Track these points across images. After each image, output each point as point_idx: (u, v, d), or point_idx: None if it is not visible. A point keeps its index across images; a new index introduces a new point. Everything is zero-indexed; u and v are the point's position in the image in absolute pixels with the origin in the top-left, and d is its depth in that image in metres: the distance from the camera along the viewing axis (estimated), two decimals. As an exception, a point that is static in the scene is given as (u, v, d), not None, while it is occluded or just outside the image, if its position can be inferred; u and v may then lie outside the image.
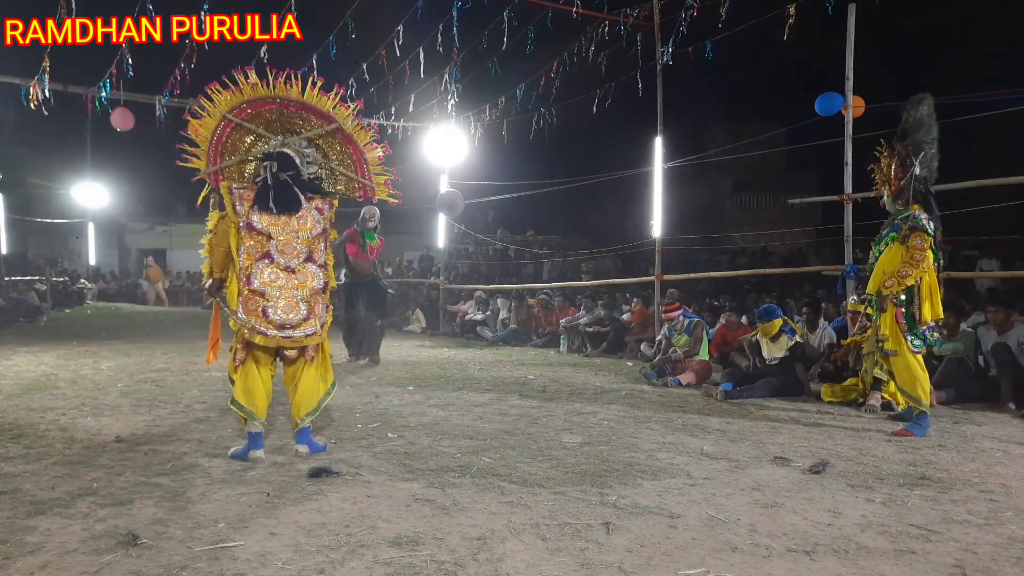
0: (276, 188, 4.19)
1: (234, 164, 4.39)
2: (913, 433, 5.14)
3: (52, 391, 6.64)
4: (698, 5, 8.97)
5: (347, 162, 4.53)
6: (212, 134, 4.32)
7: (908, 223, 5.27)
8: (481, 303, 13.41)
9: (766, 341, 7.24)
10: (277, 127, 4.41)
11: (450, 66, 11.38)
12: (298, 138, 4.40)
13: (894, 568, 2.80)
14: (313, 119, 4.40)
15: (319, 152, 4.50)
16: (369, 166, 4.52)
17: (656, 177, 10.30)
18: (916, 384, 5.23)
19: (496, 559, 2.83)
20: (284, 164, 4.26)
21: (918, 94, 5.50)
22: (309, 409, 4.37)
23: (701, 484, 3.89)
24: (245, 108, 4.32)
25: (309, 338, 4.26)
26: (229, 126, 4.33)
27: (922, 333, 5.35)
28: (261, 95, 4.29)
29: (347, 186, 4.56)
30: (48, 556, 2.83)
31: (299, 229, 4.25)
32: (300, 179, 4.29)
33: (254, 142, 4.42)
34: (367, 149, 4.50)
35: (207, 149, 4.34)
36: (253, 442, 4.29)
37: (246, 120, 4.33)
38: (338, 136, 4.46)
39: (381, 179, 4.57)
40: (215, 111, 4.29)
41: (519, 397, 6.64)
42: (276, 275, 4.18)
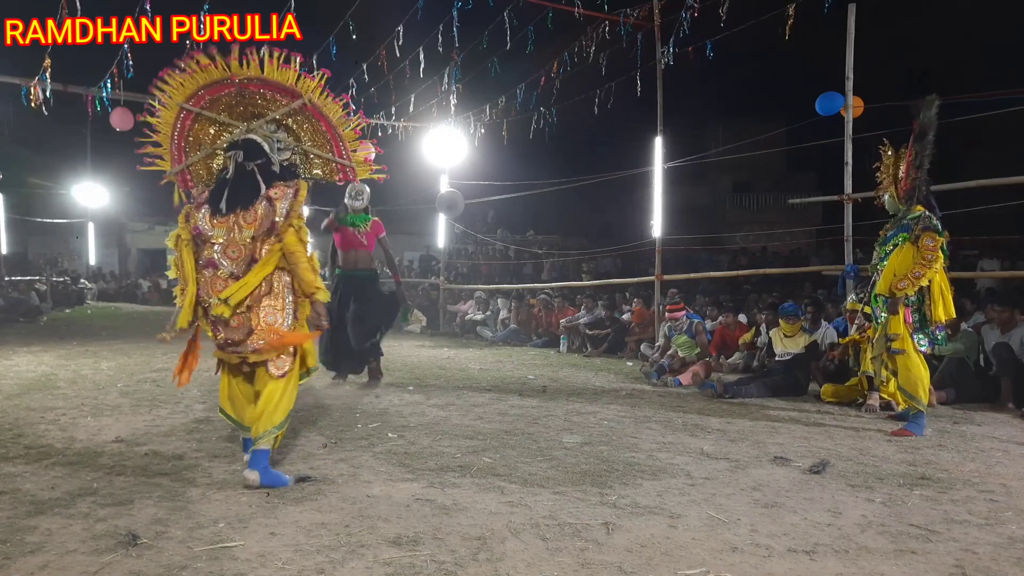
0: (234, 183, 3.71)
1: (200, 160, 3.97)
2: (913, 432, 5.14)
3: (52, 391, 6.64)
4: (698, 5, 8.97)
5: (321, 141, 4.04)
6: (172, 129, 3.91)
7: (920, 224, 5.22)
8: (481, 303, 13.42)
9: (780, 337, 7.27)
10: (240, 112, 3.94)
11: (450, 66, 11.38)
12: (263, 121, 3.91)
13: (894, 568, 2.80)
14: (278, 97, 3.90)
15: (290, 135, 4.02)
16: (345, 143, 4.04)
17: (656, 177, 10.30)
18: (918, 384, 5.22)
19: (496, 559, 2.83)
20: (251, 152, 3.78)
21: (929, 96, 5.44)
22: (272, 424, 3.71)
23: (701, 484, 3.89)
24: (202, 95, 3.86)
25: (253, 355, 3.68)
26: (189, 117, 3.90)
27: (932, 333, 5.33)
28: (216, 77, 3.82)
29: (324, 169, 4.10)
30: (48, 556, 2.83)
31: (244, 226, 3.67)
32: (270, 167, 3.80)
33: (219, 132, 3.96)
34: (340, 124, 4.00)
35: (169, 147, 3.94)
36: (246, 445, 3.90)
37: (205, 108, 3.88)
38: (307, 113, 3.95)
39: (361, 156, 4.10)
40: (171, 102, 3.87)
41: (519, 397, 6.64)
42: (222, 284, 3.65)
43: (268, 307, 3.68)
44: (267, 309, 3.68)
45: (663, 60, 9.93)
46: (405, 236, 25.19)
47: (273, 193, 3.69)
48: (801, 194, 16.64)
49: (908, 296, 5.27)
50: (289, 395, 3.79)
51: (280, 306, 3.70)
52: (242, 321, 3.65)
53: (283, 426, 3.79)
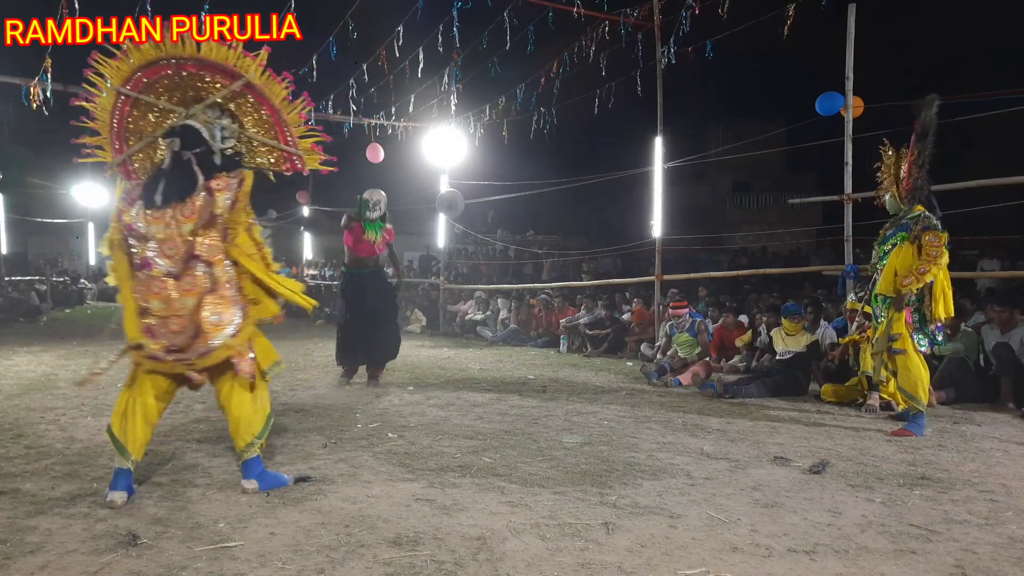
0: (170, 174, 3.43)
1: (142, 149, 3.66)
2: (913, 433, 5.14)
3: (52, 391, 6.64)
4: (698, 5, 8.97)
5: (265, 127, 3.69)
6: (111, 116, 3.59)
7: (920, 223, 5.22)
8: (481, 303, 13.42)
9: (782, 336, 7.28)
10: (180, 97, 3.62)
11: (450, 66, 11.38)
12: (203, 105, 3.57)
13: (894, 568, 2.80)
14: (218, 79, 3.55)
15: (235, 121, 3.66)
16: (290, 128, 3.67)
17: (656, 177, 10.30)
18: (918, 384, 5.21)
19: (496, 559, 2.83)
20: (189, 140, 3.48)
21: (929, 95, 5.43)
22: (252, 434, 3.56)
23: (701, 484, 3.89)
24: (139, 77, 3.53)
25: (203, 358, 3.38)
26: (128, 103, 3.58)
27: (931, 332, 5.33)
28: (152, 57, 3.49)
29: (269, 157, 3.75)
30: (48, 556, 2.83)
31: (182, 220, 3.36)
32: (210, 157, 3.49)
33: (160, 119, 3.64)
34: (284, 107, 3.64)
35: (109, 135, 3.62)
36: (116, 480, 3.44)
37: (143, 92, 3.55)
38: (249, 96, 3.60)
39: (307, 142, 3.72)
40: (108, 87, 3.55)
41: (519, 397, 6.64)
42: (159, 285, 3.35)
43: (212, 305, 3.37)
44: (211, 308, 3.37)
45: (663, 60, 9.93)
46: (405, 236, 25.10)
47: (215, 184, 3.40)
48: (801, 194, 16.66)
49: (911, 295, 5.26)
50: (261, 399, 3.60)
51: (226, 304, 3.41)
52: (185, 324, 3.35)
53: (265, 432, 3.62)
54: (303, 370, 8.28)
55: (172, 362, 3.39)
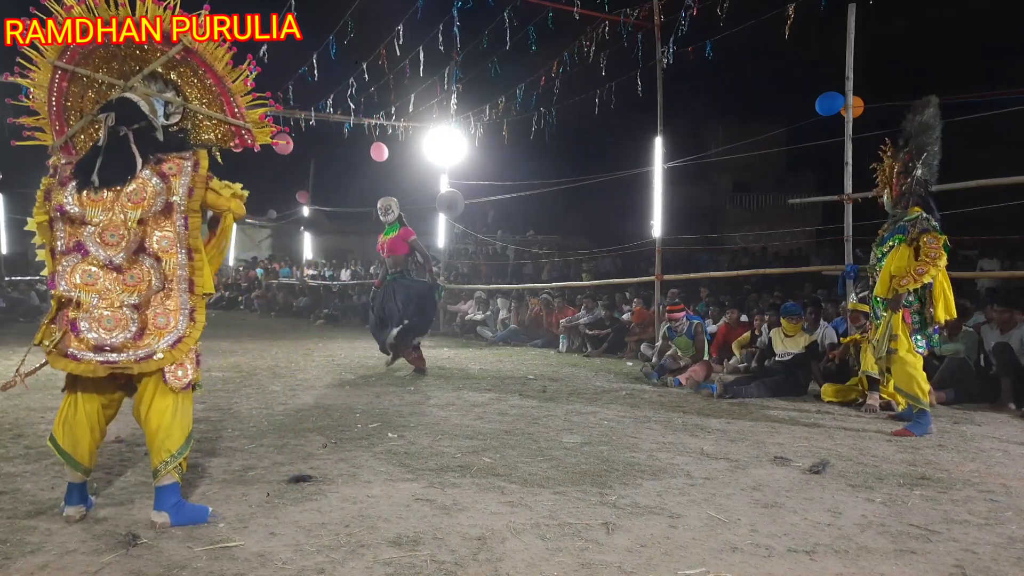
0: (107, 153, 3.07)
1: (83, 129, 3.29)
2: (913, 432, 5.14)
3: (52, 391, 6.63)
4: (698, 5, 8.97)
5: (210, 99, 3.34)
6: (49, 93, 3.26)
7: (918, 226, 5.22)
8: (481, 303, 13.42)
9: (781, 337, 7.28)
10: (118, 68, 3.28)
11: (450, 66, 11.38)
12: (141, 76, 3.23)
13: (894, 568, 2.80)
14: (157, 46, 3.23)
15: (178, 94, 3.32)
16: (236, 98, 3.32)
17: (656, 177, 10.30)
18: (913, 383, 5.22)
19: (496, 559, 2.83)
20: (126, 115, 3.12)
21: (924, 98, 5.46)
22: (169, 450, 3.10)
23: (701, 484, 3.89)
24: (74, 49, 3.23)
25: (142, 363, 3.01)
26: (64, 78, 3.25)
27: (931, 334, 5.31)
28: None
29: (216, 132, 3.38)
30: (48, 556, 2.83)
31: (129, 207, 3.01)
32: (151, 134, 3.15)
33: (99, 94, 3.31)
34: (227, 74, 3.31)
35: (48, 115, 3.30)
36: (69, 495, 3.17)
37: (79, 64, 3.23)
38: (192, 62, 3.27)
39: (255, 114, 3.37)
40: (43, 61, 3.23)
41: (519, 397, 6.64)
42: (93, 275, 3.01)
43: (160, 307, 3.06)
44: (159, 309, 3.06)
45: (663, 60, 9.93)
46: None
47: (167, 168, 3.07)
48: (801, 194, 16.65)
49: (909, 296, 5.26)
50: (184, 412, 3.16)
51: (175, 306, 3.08)
52: (122, 321, 3.00)
53: (185, 449, 3.15)
54: (303, 370, 8.28)
55: (96, 363, 2.99)
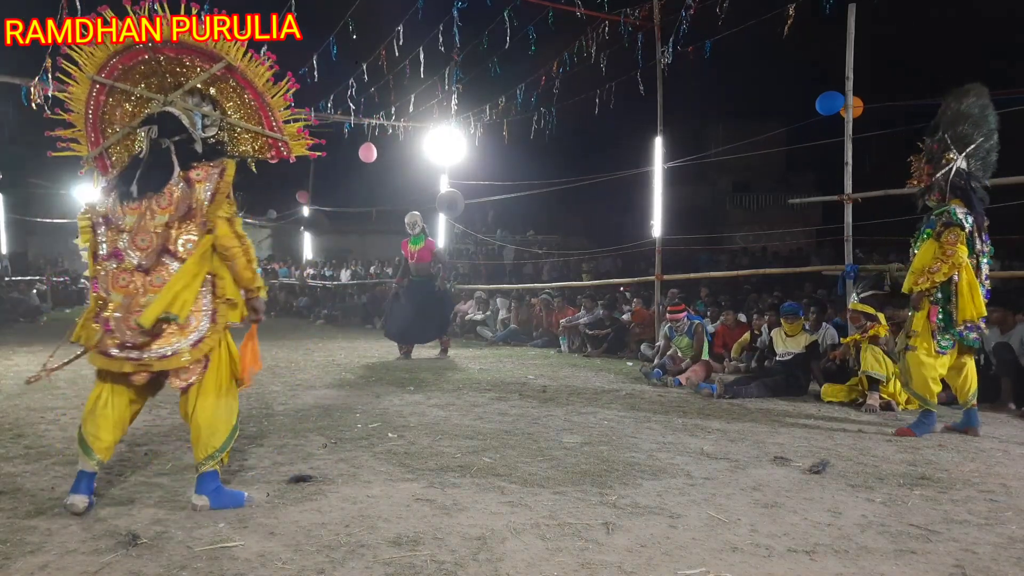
0: (147, 164, 3.28)
1: (119, 141, 3.49)
2: (914, 432, 5.11)
3: (52, 391, 6.64)
4: (698, 5, 8.97)
5: (248, 112, 3.52)
6: (86, 106, 3.43)
7: (943, 219, 5.12)
8: (481, 303, 13.41)
9: (782, 337, 7.28)
10: (158, 83, 3.45)
11: (450, 66, 11.38)
12: (183, 91, 3.43)
13: (894, 568, 2.80)
14: (198, 63, 3.42)
15: (216, 107, 3.51)
16: (275, 112, 3.50)
17: (656, 177, 10.30)
18: (924, 383, 5.13)
19: (496, 559, 2.83)
20: (167, 127, 3.32)
21: (965, 86, 5.29)
22: (213, 446, 3.32)
23: (701, 484, 3.89)
24: (114, 64, 3.39)
25: (164, 360, 3.16)
26: (103, 92, 3.43)
27: (958, 333, 5.14)
28: (127, 42, 3.37)
29: (254, 144, 3.57)
30: (48, 556, 2.83)
31: (157, 211, 3.21)
32: (190, 146, 3.34)
33: (138, 107, 3.48)
34: (268, 90, 3.47)
35: (84, 127, 3.48)
36: (77, 483, 3.29)
37: (119, 79, 3.40)
38: (231, 79, 3.45)
39: (293, 127, 3.55)
40: (81, 75, 3.41)
41: (519, 397, 6.64)
42: (125, 278, 3.21)
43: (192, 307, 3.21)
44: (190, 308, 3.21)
45: (663, 60, 9.93)
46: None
47: (194, 175, 3.24)
48: (801, 194, 16.65)
49: (934, 293, 5.12)
50: (228, 409, 3.35)
51: (197, 307, 3.21)
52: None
53: (227, 445, 3.36)
54: (303, 370, 8.28)
55: (123, 359, 3.18)
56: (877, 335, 6.49)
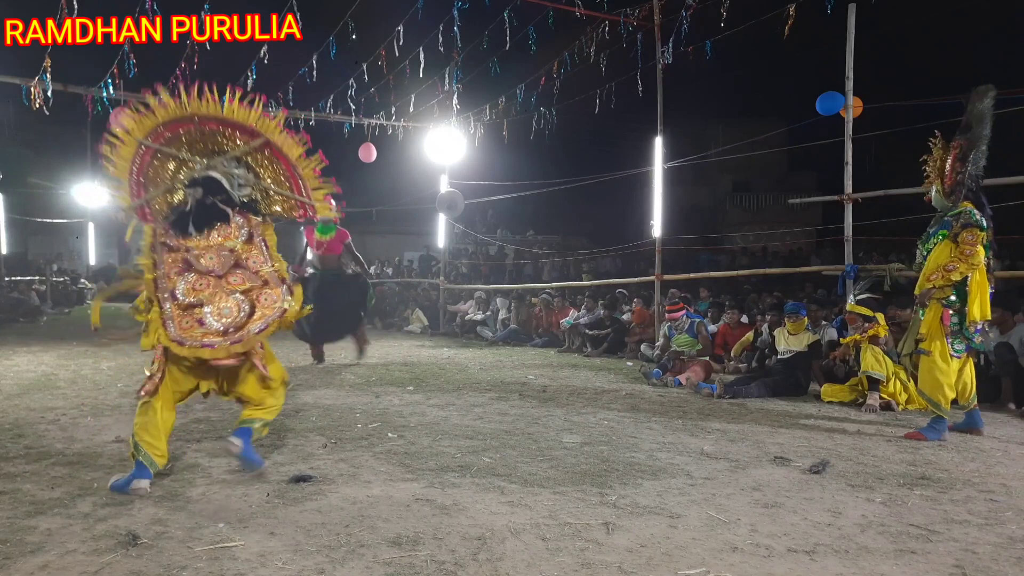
0: (196, 212, 3.83)
1: (160, 195, 3.98)
2: (926, 437, 5.04)
3: (52, 391, 6.64)
4: (697, 5, 8.97)
5: (280, 179, 4.05)
6: (131, 164, 3.90)
7: (960, 220, 5.03)
8: (481, 303, 13.41)
9: (784, 335, 7.28)
10: (200, 148, 3.98)
11: (450, 66, 11.38)
12: (224, 158, 3.95)
13: (894, 568, 2.80)
14: (237, 135, 3.96)
15: (250, 172, 4.03)
16: (305, 182, 4.03)
17: (656, 177, 10.30)
18: (938, 388, 5.06)
19: (496, 559, 2.83)
20: (211, 189, 3.87)
21: (983, 86, 5.20)
22: (258, 416, 3.85)
23: (701, 484, 3.89)
24: (161, 131, 3.90)
25: (235, 345, 3.64)
26: (148, 153, 3.91)
27: (969, 336, 5.09)
28: (176, 115, 3.87)
29: (284, 206, 4.09)
30: (48, 556, 2.83)
31: (224, 240, 3.82)
32: (231, 202, 3.91)
33: (178, 168, 4.00)
34: (300, 163, 3.99)
35: (128, 182, 3.92)
36: (139, 470, 3.67)
37: (164, 144, 3.91)
38: (267, 152, 3.99)
39: (320, 194, 4.06)
40: (129, 138, 3.89)
41: (519, 397, 6.64)
42: (202, 282, 3.71)
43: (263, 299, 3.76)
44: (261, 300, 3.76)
45: (663, 60, 9.93)
46: (405, 236, 25.20)
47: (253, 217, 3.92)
48: (801, 194, 16.61)
49: (947, 295, 5.06)
50: (277, 397, 3.96)
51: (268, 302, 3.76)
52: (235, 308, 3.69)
53: (268, 422, 3.95)
54: (303, 370, 8.28)
55: (228, 346, 3.62)
56: (877, 335, 6.49)
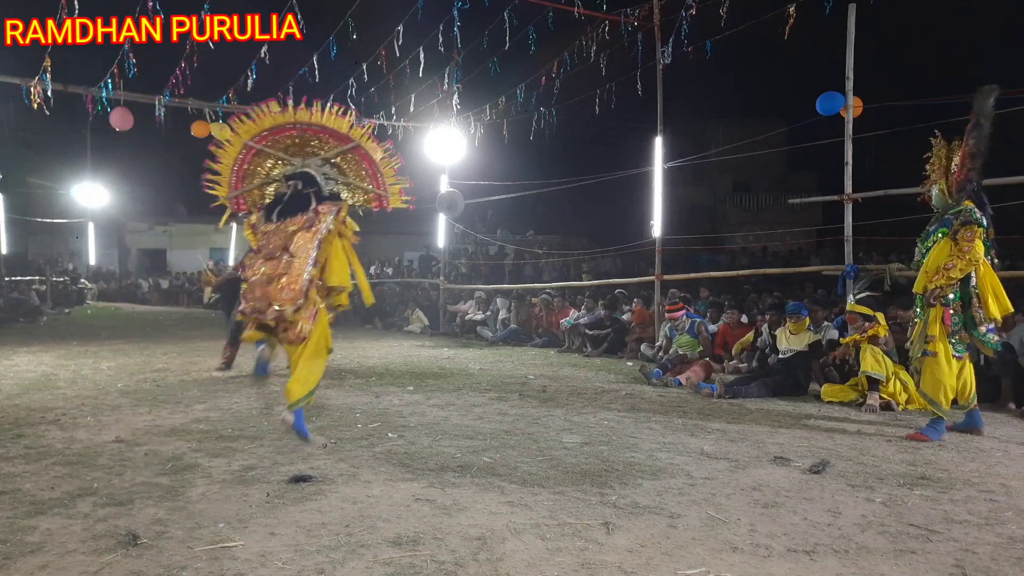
0: (289, 201, 4.52)
1: (256, 187, 4.76)
2: (928, 437, 5.03)
3: (52, 391, 6.64)
4: (698, 5, 8.97)
5: (362, 175, 4.81)
6: (234, 162, 4.70)
7: (960, 217, 5.01)
8: (481, 303, 13.41)
9: (785, 335, 7.28)
10: (295, 150, 4.75)
11: (450, 66, 11.38)
12: (316, 159, 4.73)
13: (894, 568, 2.80)
14: (331, 140, 4.74)
15: (335, 169, 4.80)
16: (384, 177, 4.79)
17: (656, 177, 10.30)
18: (940, 389, 5.05)
19: (496, 559, 2.83)
20: (307, 182, 4.61)
21: (988, 85, 5.18)
22: (294, 395, 4.21)
23: (701, 484, 3.89)
24: (266, 135, 4.70)
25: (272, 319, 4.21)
26: (251, 152, 4.69)
27: (980, 335, 5.06)
28: (281, 121, 4.66)
29: (364, 198, 4.87)
30: (48, 556, 2.83)
31: (290, 225, 4.43)
32: (321, 194, 4.58)
33: (275, 165, 4.79)
34: (383, 164, 4.77)
35: (228, 176, 4.72)
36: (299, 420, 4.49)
37: (267, 146, 4.70)
38: (355, 154, 4.77)
39: (396, 188, 4.81)
40: (236, 139, 4.67)
41: (519, 397, 6.64)
42: (259, 263, 4.38)
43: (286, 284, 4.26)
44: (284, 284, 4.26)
45: (663, 60, 9.93)
46: (405, 236, 25.19)
47: (321, 208, 4.45)
48: (801, 194, 16.61)
49: (945, 295, 5.04)
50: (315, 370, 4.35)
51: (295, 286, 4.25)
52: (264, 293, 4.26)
53: (304, 399, 4.27)
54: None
55: (254, 317, 4.27)
56: (877, 335, 6.48)
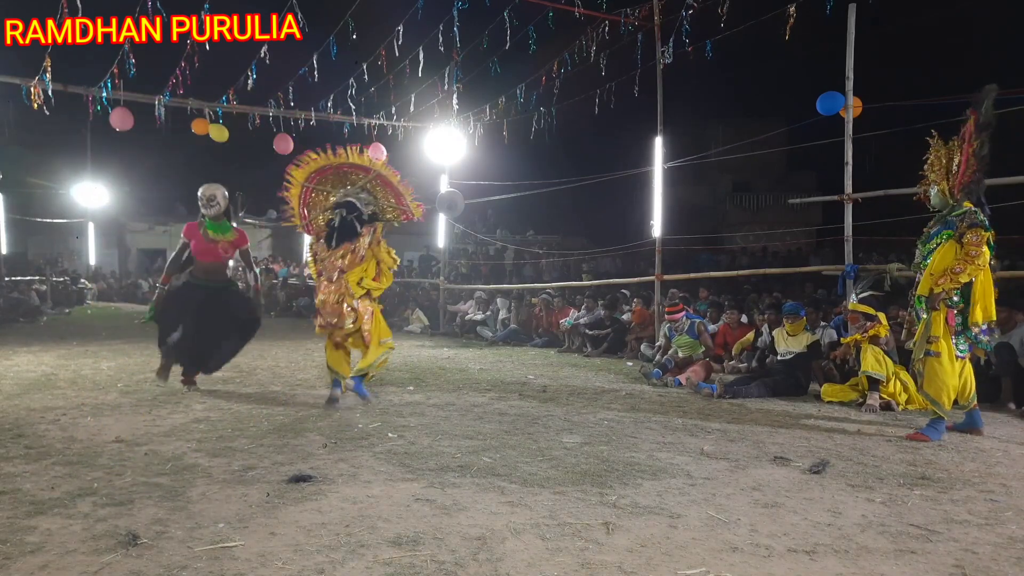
0: (341, 228, 5.94)
1: (318, 216, 6.23)
2: (929, 437, 5.03)
3: (52, 391, 6.64)
4: (698, 5, 8.97)
5: (388, 196, 6.29)
6: (298, 199, 6.26)
7: (966, 220, 4.98)
8: (481, 303, 13.41)
9: (784, 336, 7.28)
10: (336, 183, 6.30)
11: (450, 66, 11.38)
12: (355, 188, 6.24)
13: (894, 568, 2.80)
14: (358, 171, 6.28)
15: (370, 195, 6.25)
16: (405, 197, 6.30)
17: (656, 177, 10.30)
18: (943, 390, 5.05)
19: (496, 559, 2.83)
20: (350, 208, 6.02)
21: (990, 85, 5.16)
22: (361, 367, 6.10)
23: (701, 484, 3.89)
24: (314, 176, 6.25)
25: (341, 331, 5.87)
26: (309, 190, 6.25)
27: (973, 336, 5.08)
28: (322, 164, 6.22)
29: (394, 214, 6.31)
30: (48, 556, 2.83)
31: (340, 252, 5.90)
32: (362, 217, 6.03)
33: (327, 196, 6.28)
34: (401, 186, 6.30)
35: (298, 209, 6.29)
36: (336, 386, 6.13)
37: (318, 185, 6.27)
38: (379, 180, 6.27)
39: (415, 204, 6.34)
40: (296, 182, 6.22)
41: (519, 397, 6.64)
42: (324, 286, 5.88)
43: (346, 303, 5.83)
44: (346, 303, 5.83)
45: (663, 60, 9.93)
46: (405, 236, 25.16)
47: (363, 231, 5.99)
48: (801, 194, 16.60)
49: (950, 296, 5.04)
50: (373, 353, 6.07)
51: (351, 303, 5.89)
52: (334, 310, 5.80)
53: (371, 368, 6.13)
54: (303, 370, 8.29)
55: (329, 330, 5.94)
56: (877, 335, 6.48)
